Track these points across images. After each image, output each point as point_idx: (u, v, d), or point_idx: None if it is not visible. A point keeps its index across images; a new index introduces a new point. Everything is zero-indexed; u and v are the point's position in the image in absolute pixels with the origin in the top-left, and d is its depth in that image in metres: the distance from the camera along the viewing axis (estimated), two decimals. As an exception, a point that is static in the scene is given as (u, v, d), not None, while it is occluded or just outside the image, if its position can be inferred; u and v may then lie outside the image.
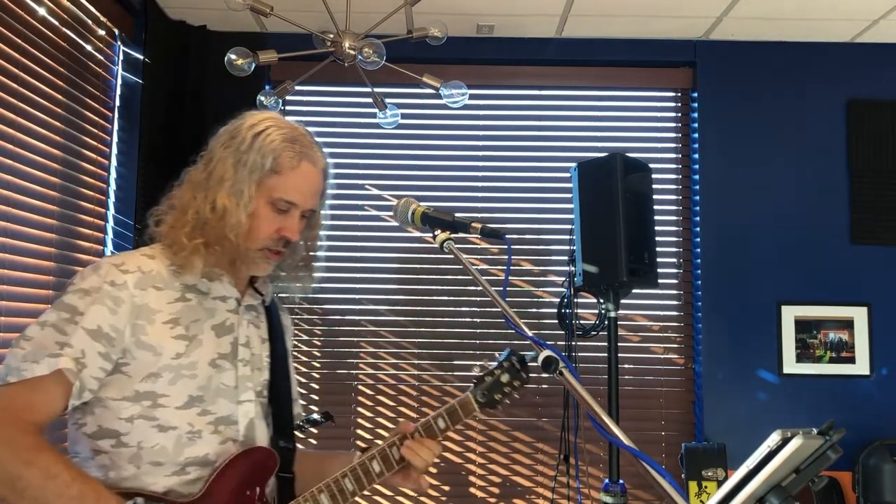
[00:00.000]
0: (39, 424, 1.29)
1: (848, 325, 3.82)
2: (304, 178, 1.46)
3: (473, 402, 1.62)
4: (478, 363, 1.71)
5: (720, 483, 3.42)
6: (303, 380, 3.88)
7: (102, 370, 1.34)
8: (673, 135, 4.11)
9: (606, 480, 2.90)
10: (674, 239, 4.03)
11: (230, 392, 1.45)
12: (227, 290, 1.49)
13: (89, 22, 3.30)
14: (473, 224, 1.52)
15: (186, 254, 1.40)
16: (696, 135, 3.98)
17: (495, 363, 1.69)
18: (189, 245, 1.40)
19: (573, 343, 3.18)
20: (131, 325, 1.36)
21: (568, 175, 3.18)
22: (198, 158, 1.51)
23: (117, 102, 3.56)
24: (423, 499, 3.87)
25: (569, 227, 3.13)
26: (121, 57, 3.59)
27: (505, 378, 1.67)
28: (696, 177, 3.96)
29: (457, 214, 1.56)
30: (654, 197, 3.14)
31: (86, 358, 1.31)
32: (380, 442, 1.58)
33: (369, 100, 3.28)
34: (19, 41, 2.78)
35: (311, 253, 1.59)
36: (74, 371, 1.30)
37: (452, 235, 1.52)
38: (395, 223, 1.66)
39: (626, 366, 3.91)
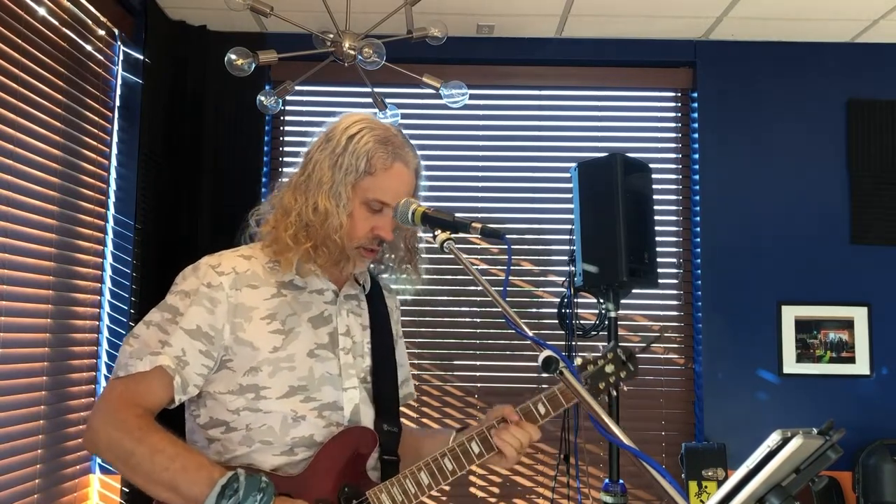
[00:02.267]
0: (148, 409, 1.39)
1: (848, 325, 3.82)
2: (396, 179, 1.52)
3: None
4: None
5: (720, 483, 3.42)
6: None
7: (205, 367, 1.42)
8: (673, 135, 4.11)
9: (606, 480, 2.90)
10: (674, 239, 4.03)
11: (335, 380, 1.50)
12: (324, 283, 1.55)
13: (89, 22, 3.30)
14: (473, 224, 1.52)
15: (291, 255, 1.47)
16: (696, 135, 3.98)
17: (600, 353, 1.71)
18: (295, 248, 1.47)
19: (573, 343, 3.18)
20: (230, 323, 1.43)
21: (568, 175, 3.18)
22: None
23: (117, 102, 3.56)
24: (423, 498, 3.86)
25: (569, 227, 3.13)
26: (121, 57, 3.59)
27: (609, 368, 1.71)
28: (696, 177, 3.96)
29: (457, 214, 1.56)
30: (654, 197, 3.14)
31: (186, 356, 1.40)
32: (473, 422, 1.59)
33: (369, 100, 3.28)
34: (19, 41, 2.78)
35: (413, 249, 1.65)
36: (174, 367, 1.39)
37: (452, 235, 1.52)
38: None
39: (626, 366, 3.90)
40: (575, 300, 3.20)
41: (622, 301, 3.02)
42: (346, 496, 1.44)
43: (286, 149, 4.09)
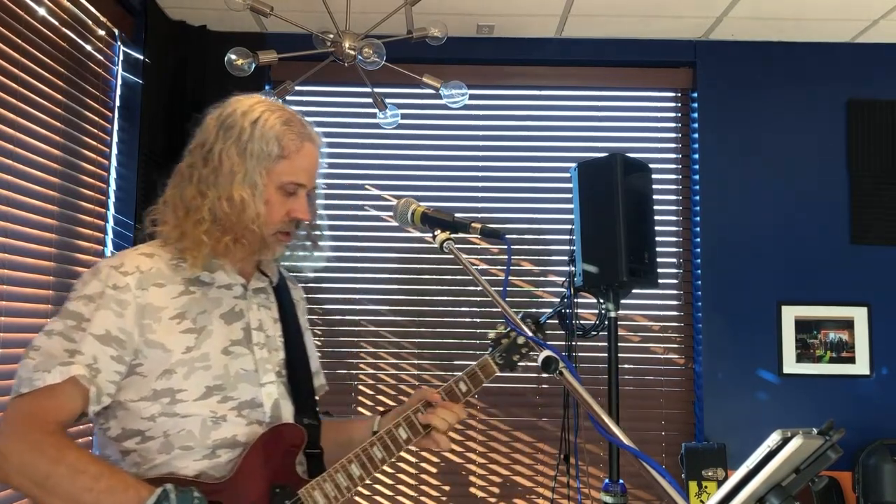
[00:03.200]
0: (60, 425, 1.30)
1: (848, 325, 3.82)
2: (308, 159, 1.49)
3: (493, 364, 1.66)
4: (493, 330, 1.74)
5: (720, 483, 3.42)
6: (303, 380, 3.86)
7: (117, 373, 1.35)
8: (673, 135, 4.11)
9: (606, 480, 2.91)
10: (674, 239, 4.03)
11: (251, 376, 1.46)
12: (231, 277, 1.49)
13: (89, 22, 3.30)
14: (473, 224, 1.52)
15: (205, 251, 1.41)
16: (696, 135, 3.98)
17: (511, 326, 1.72)
18: (210, 244, 1.41)
19: (573, 343, 3.18)
20: (139, 325, 1.36)
21: (568, 175, 3.18)
22: (188, 153, 1.50)
23: (117, 102, 3.56)
24: (423, 499, 3.87)
25: (569, 227, 3.13)
26: (121, 57, 3.59)
27: (521, 340, 1.71)
28: (696, 177, 3.96)
29: (457, 214, 1.56)
30: (654, 197, 3.14)
31: (98, 363, 1.32)
32: (393, 404, 1.61)
33: (369, 100, 3.28)
34: (19, 41, 2.78)
35: (316, 228, 1.61)
36: (88, 377, 1.31)
37: (452, 235, 1.52)
38: (395, 223, 1.68)
39: (626, 366, 3.91)
40: (575, 300, 3.20)
41: (622, 301, 3.02)
42: (278, 497, 1.40)
43: (286, 149, 4.08)
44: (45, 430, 1.27)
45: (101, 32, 3.42)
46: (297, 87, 3.23)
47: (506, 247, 1.49)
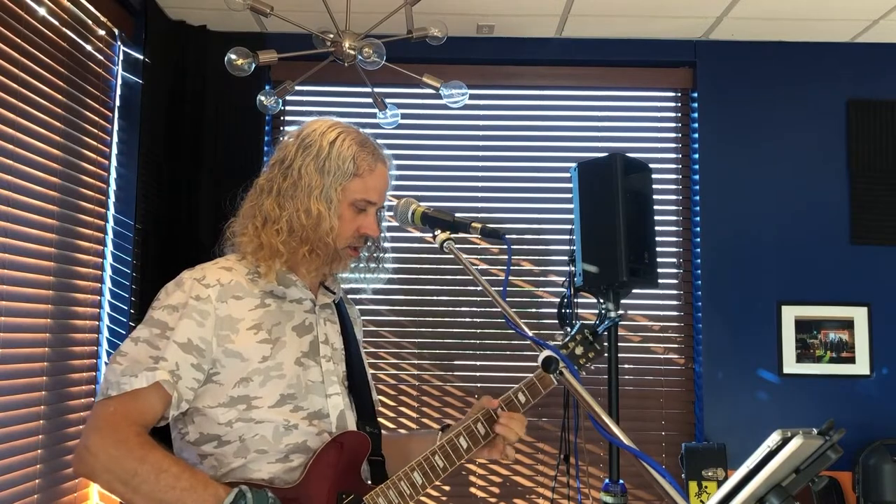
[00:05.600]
0: (145, 426, 1.38)
1: (848, 325, 3.82)
2: (380, 179, 1.58)
3: (551, 376, 1.67)
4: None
5: (720, 483, 3.42)
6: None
7: (196, 380, 1.42)
8: (673, 135, 4.11)
9: (606, 480, 2.90)
10: (674, 239, 4.03)
11: (318, 387, 1.52)
12: (302, 292, 1.57)
13: (89, 22, 3.30)
14: (473, 224, 1.53)
15: (281, 261, 1.51)
16: (696, 135, 3.98)
17: (568, 336, 1.74)
18: (287, 253, 1.50)
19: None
20: (217, 335, 1.44)
21: (568, 175, 3.18)
22: (267, 169, 1.61)
23: (117, 102, 3.56)
24: (423, 499, 3.86)
25: (569, 227, 3.12)
26: (121, 57, 3.59)
27: (579, 350, 1.76)
28: (696, 177, 3.96)
29: (457, 214, 1.57)
30: (654, 197, 3.14)
31: (180, 370, 1.40)
32: (451, 422, 1.64)
33: (369, 100, 3.28)
34: (19, 41, 2.78)
35: (380, 249, 1.68)
36: (171, 382, 1.38)
37: (452, 235, 1.53)
38: (395, 223, 1.69)
39: (626, 366, 3.91)
40: (575, 300, 3.20)
41: (622, 301, 3.02)
42: (344, 503, 1.45)
43: (286, 149, 4.09)
44: (132, 431, 1.34)
45: (101, 32, 3.42)
46: (297, 87, 3.22)
47: (506, 247, 1.51)
